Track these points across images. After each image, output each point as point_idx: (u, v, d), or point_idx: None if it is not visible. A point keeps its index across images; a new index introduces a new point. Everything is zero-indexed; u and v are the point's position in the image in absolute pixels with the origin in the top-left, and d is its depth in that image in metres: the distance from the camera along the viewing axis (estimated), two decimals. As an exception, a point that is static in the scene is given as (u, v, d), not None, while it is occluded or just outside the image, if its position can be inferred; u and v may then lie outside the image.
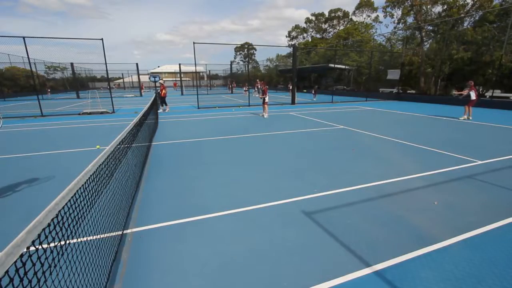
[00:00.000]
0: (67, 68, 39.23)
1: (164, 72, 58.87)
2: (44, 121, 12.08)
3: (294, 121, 11.53)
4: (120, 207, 3.01)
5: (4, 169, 5.41)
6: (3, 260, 0.99)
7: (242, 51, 63.37)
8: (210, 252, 2.75)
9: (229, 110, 15.85)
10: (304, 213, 3.52)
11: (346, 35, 36.58)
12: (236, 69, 51.96)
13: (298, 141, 7.75)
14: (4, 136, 8.88)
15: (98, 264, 2.02)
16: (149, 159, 6.01)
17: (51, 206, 1.41)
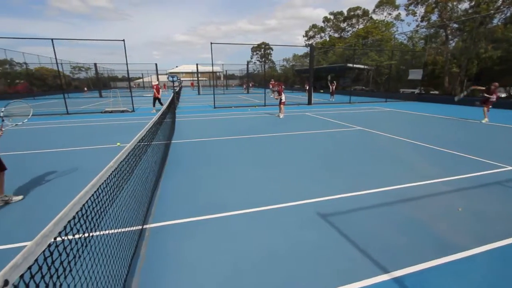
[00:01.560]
0: (91, 68, 41.06)
1: (181, 72, 60.07)
2: (69, 119, 12.69)
3: (310, 121, 11.40)
4: (141, 203, 3.10)
5: (32, 164, 5.73)
6: (33, 248, 1.05)
7: (259, 51, 63.45)
8: (225, 251, 2.77)
9: (245, 110, 15.92)
10: (320, 215, 3.46)
11: (365, 34, 35.68)
12: (252, 69, 52.12)
13: (315, 142, 7.64)
14: (33, 133, 9.42)
15: (119, 257, 2.10)
16: (168, 157, 6.16)
17: (76, 200, 1.47)
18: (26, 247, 1.02)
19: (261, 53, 63.03)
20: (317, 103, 19.73)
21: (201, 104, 20.27)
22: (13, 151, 6.77)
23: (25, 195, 4.10)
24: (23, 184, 4.55)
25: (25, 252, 1.00)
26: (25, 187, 4.42)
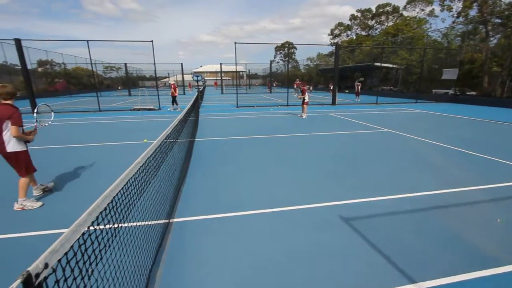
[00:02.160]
0: (121, 68, 43.32)
1: (206, 71, 61.41)
2: (101, 116, 13.48)
3: (334, 122, 11.13)
4: (167, 198, 3.22)
5: (67, 157, 6.16)
6: (69, 236, 1.12)
7: (282, 50, 63.07)
8: (244, 249, 2.78)
9: (267, 109, 15.91)
10: (343, 218, 3.37)
11: (395, 32, 34.10)
12: (275, 69, 51.94)
13: (338, 143, 7.45)
14: (68, 128, 10.14)
15: (145, 249, 2.19)
16: (192, 154, 6.32)
17: (107, 192, 1.56)
18: (63, 234, 1.10)
19: (284, 53, 62.61)
20: (341, 103, 19.20)
21: (224, 103, 20.56)
22: (50, 145, 7.33)
23: (60, 186, 4.43)
24: (59, 176, 4.91)
25: (62, 239, 1.08)
26: (60, 178, 4.77)
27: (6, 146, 3.44)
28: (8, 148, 3.45)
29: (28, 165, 3.67)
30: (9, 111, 3.39)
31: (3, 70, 26.85)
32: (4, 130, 3.40)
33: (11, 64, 26.52)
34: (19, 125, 3.45)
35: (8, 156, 3.50)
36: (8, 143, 3.44)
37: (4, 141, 3.42)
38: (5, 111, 3.37)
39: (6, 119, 3.37)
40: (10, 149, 3.46)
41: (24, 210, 3.57)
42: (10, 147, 3.46)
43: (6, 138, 3.43)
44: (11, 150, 3.47)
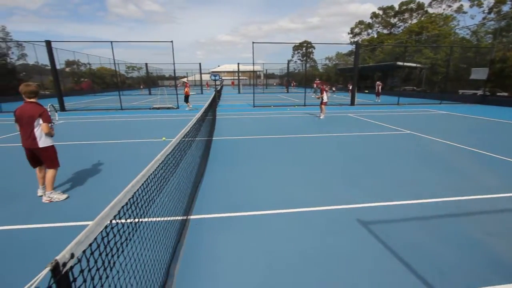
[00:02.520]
0: (142, 68, 44.73)
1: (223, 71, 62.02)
2: (123, 114, 14.00)
3: (352, 123, 10.87)
4: (186, 195, 3.29)
5: (89, 153, 6.45)
6: (93, 228, 1.18)
7: (300, 49, 62.45)
8: (260, 249, 2.79)
9: (284, 109, 15.82)
10: (360, 222, 3.28)
11: (419, 30, 32.72)
12: (293, 68, 51.51)
13: (356, 144, 7.27)
14: (91, 126, 10.61)
15: (164, 244, 2.25)
16: (209, 153, 6.42)
17: (128, 188, 1.61)
18: (88, 226, 1.15)
19: (302, 52, 61.96)
20: (360, 104, 18.71)
21: (241, 102, 20.69)
22: (74, 141, 7.71)
23: (82, 180, 4.65)
24: (82, 171, 5.16)
25: (87, 231, 1.13)
26: (82, 173, 5.01)
27: (38, 141, 3.65)
28: (40, 144, 3.67)
29: (56, 158, 3.89)
30: (39, 109, 3.61)
31: (35, 70, 28.60)
32: (36, 127, 3.61)
33: (42, 64, 28.22)
34: (49, 122, 3.67)
35: (40, 151, 3.71)
36: (40, 138, 3.66)
37: (36, 137, 3.63)
38: (35, 109, 3.59)
39: (37, 116, 3.57)
40: (41, 144, 3.68)
41: (51, 202, 3.79)
42: (42, 143, 3.68)
43: (38, 134, 3.64)
44: (43, 146, 3.69)
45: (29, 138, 3.62)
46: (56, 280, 0.92)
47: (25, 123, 3.58)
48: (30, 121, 3.57)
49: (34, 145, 3.65)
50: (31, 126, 3.58)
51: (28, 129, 3.59)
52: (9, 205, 3.74)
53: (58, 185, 4.37)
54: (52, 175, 3.81)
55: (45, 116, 3.60)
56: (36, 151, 3.71)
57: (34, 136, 3.61)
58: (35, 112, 3.56)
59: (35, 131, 3.61)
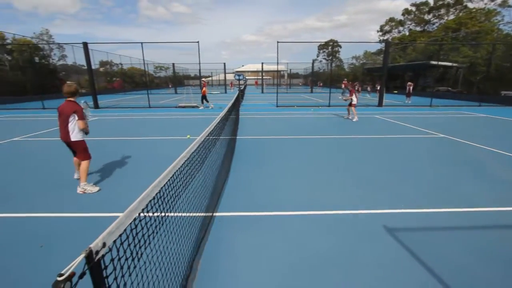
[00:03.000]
0: (169, 68, 46.39)
1: (247, 70, 62.43)
2: (150, 112, 14.61)
3: (380, 125, 10.42)
4: (212, 192, 3.36)
5: (119, 149, 6.80)
6: (123, 220, 1.23)
7: (326, 48, 61.06)
8: (281, 249, 2.76)
9: (307, 109, 15.57)
10: (387, 229, 3.13)
11: (456, 26, 30.53)
12: (318, 68, 50.52)
13: (384, 147, 6.95)
14: (121, 123, 11.19)
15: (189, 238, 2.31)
16: (234, 151, 6.49)
17: (155, 183, 1.67)
18: (118, 218, 1.20)
19: (328, 51, 60.55)
20: (389, 105, 17.89)
21: (264, 102, 20.70)
22: (105, 136, 8.18)
23: (112, 174, 4.91)
24: (111, 165, 5.45)
25: (117, 222, 1.18)
26: (112, 168, 5.29)
27: (70, 135, 4.04)
28: (72, 138, 4.06)
29: (86, 151, 4.24)
30: (75, 107, 4.00)
31: (73, 70, 30.81)
32: (70, 123, 3.99)
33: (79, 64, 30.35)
34: (84, 119, 4.05)
35: (72, 143, 4.10)
36: (72, 133, 4.04)
37: (69, 131, 4.02)
38: (71, 107, 3.97)
39: (71, 113, 3.96)
40: (73, 138, 4.07)
41: (85, 193, 4.09)
42: (73, 137, 4.07)
43: (71, 129, 4.02)
44: (74, 139, 4.08)
45: (63, 132, 4.05)
46: (90, 267, 0.97)
47: (62, 119, 4.01)
48: (66, 117, 3.97)
49: (67, 138, 4.07)
50: (66, 122, 3.99)
51: (63, 124, 4.02)
52: (50, 194, 4.06)
53: (92, 177, 4.66)
54: (84, 167, 4.14)
55: (79, 113, 3.99)
56: (69, 143, 4.13)
57: (67, 130, 4.02)
58: (71, 110, 3.96)
59: (69, 126, 4.01)
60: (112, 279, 1.07)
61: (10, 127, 9.93)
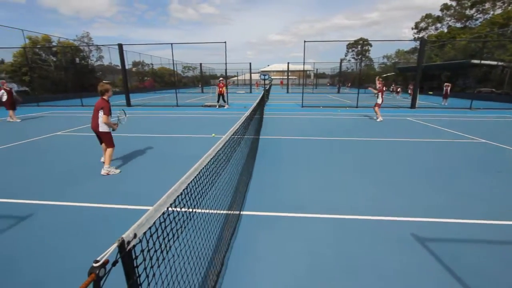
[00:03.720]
0: (197, 68, 47.72)
1: (272, 70, 62.31)
2: (178, 110, 15.13)
3: (412, 128, 9.86)
4: (238, 190, 3.41)
5: (147, 145, 7.12)
6: (152, 213, 1.29)
7: (355, 47, 58.99)
8: (302, 251, 2.72)
9: (334, 110, 15.17)
10: (417, 238, 2.95)
11: (504, 21, 27.91)
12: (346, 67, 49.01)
13: (415, 152, 6.57)
14: (150, 120, 11.71)
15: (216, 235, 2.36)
16: (257, 151, 6.53)
17: (183, 179, 1.72)
18: (148, 211, 1.26)
19: (357, 50, 58.45)
20: (423, 106, 16.86)
21: (289, 102, 20.53)
22: (134, 133, 8.60)
23: (141, 169, 5.16)
24: (140, 160, 5.73)
25: (147, 215, 1.24)
26: (140, 163, 5.56)
27: (99, 127, 4.79)
28: (100, 129, 4.80)
29: (111, 141, 4.94)
30: (103, 104, 4.69)
31: (108, 70, 32.89)
32: (99, 116, 4.73)
33: (114, 64, 32.35)
34: (108, 115, 4.72)
35: (100, 133, 4.85)
36: (101, 125, 4.78)
37: (98, 123, 4.77)
38: (100, 103, 4.69)
39: (100, 108, 4.67)
40: (101, 129, 4.81)
41: (108, 174, 4.81)
42: (101, 128, 4.80)
43: (100, 122, 4.75)
44: (102, 130, 4.82)
45: (95, 123, 4.81)
46: (122, 256, 1.03)
47: (95, 112, 4.77)
48: (96, 111, 4.73)
49: (96, 128, 4.82)
50: (97, 115, 4.74)
51: (95, 116, 4.78)
52: (84, 184, 4.38)
53: (122, 170, 4.94)
54: (109, 153, 4.88)
55: (105, 109, 4.67)
56: (98, 133, 4.88)
57: (97, 122, 4.78)
58: (100, 105, 4.69)
59: (98, 119, 4.75)
60: (142, 269, 1.12)
61: (54, 122, 10.84)
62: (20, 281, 2.32)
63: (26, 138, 7.77)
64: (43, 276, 2.38)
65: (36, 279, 2.34)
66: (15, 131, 8.98)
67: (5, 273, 2.41)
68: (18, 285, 2.27)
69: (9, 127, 9.85)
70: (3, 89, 10.43)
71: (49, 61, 24.64)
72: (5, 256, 2.63)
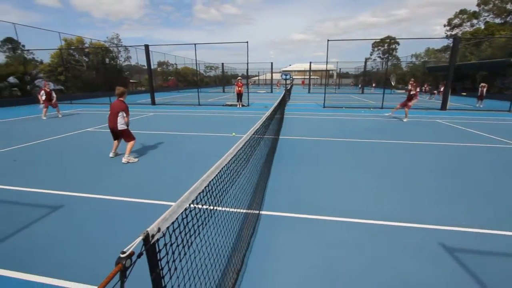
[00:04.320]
0: (218, 67, 48.44)
1: (294, 70, 61.67)
2: (200, 109, 15.46)
3: (442, 131, 9.31)
4: (257, 190, 3.42)
5: (169, 143, 7.34)
6: (175, 209, 1.32)
7: (382, 46, 56.74)
8: (320, 254, 2.67)
9: (358, 111, 14.72)
10: (445, 248, 2.79)
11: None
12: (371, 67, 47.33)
13: (446, 156, 6.19)
14: (173, 118, 12.05)
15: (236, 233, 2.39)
16: (276, 151, 6.50)
17: (204, 177, 1.76)
18: (171, 207, 1.30)
19: (384, 49, 56.22)
20: (455, 108, 15.87)
21: (310, 102, 20.23)
22: (158, 131, 8.90)
23: (164, 166, 5.33)
24: (162, 157, 5.91)
25: (171, 210, 1.27)
26: (163, 159, 5.74)
27: (118, 125, 5.43)
28: (119, 127, 5.45)
29: (131, 134, 5.60)
30: (123, 105, 5.43)
31: (135, 70, 34.34)
32: (119, 117, 5.40)
33: (140, 64, 33.72)
34: (129, 115, 5.54)
35: (119, 131, 5.48)
36: (119, 124, 5.43)
37: (117, 122, 5.41)
38: (121, 105, 5.41)
39: (121, 110, 5.38)
40: (119, 127, 5.46)
41: (129, 162, 5.42)
42: (119, 126, 5.46)
43: (119, 121, 5.41)
44: (120, 128, 5.47)
45: (113, 122, 5.42)
46: (146, 248, 1.07)
47: (113, 113, 5.41)
48: (116, 112, 5.39)
49: (114, 127, 5.46)
50: (116, 115, 5.39)
51: (114, 116, 5.40)
52: (109, 178, 4.61)
53: (142, 166, 5.15)
54: (131, 146, 5.53)
55: (126, 111, 5.48)
56: (116, 131, 5.51)
57: (116, 121, 5.41)
58: (120, 108, 5.40)
59: (118, 118, 5.40)
60: (165, 262, 1.16)
61: (84, 119, 11.53)
62: (47, 264, 2.49)
63: (60, 134, 8.34)
64: (70, 261, 2.54)
65: (64, 263, 2.50)
66: (50, 128, 9.66)
67: (34, 256, 2.60)
68: (44, 268, 2.43)
69: (45, 123, 10.62)
70: (44, 89, 11.25)
71: (81, 61, 26.23)
72: (35, 241, 2.84)
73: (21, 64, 18.84)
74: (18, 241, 2.87)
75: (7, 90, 17.57)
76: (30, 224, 3.18)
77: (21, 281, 2.30)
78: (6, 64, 18.37)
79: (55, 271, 2.40)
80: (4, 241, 2.86)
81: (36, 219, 3.28)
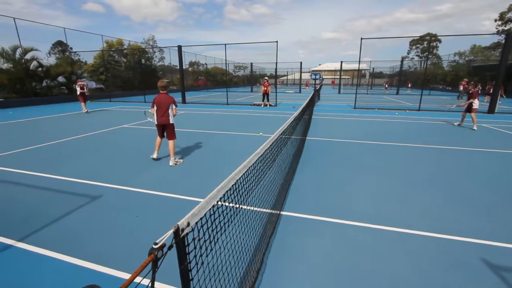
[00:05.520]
0: (247, 67, 48.90)
1: (324, 70, 60.21)
2: (228, 108, 15.74)
3: (489, 136, 8.50)
4: (281, 190, 3.42)
5: (200, 140, 7.57)
6: (204, 205, 1.37)
7: (421, 44, 53.05)
8: (344, 261, 2.59)
9: (391, 113, 13.96)
10: (487, 263, 2.55)
11: None
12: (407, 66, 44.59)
13: (493, 165, 5.64)
14: (203, 117, 12.40)
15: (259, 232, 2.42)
16: (302, 152, 6.42)
17: (231, 176, 1.80)
18: (200, 203, 1.35)
19: (423, 47, 52.56)
20: (505, 111, 14.39)
21: (340, 103, 19.62)
22: (188, 128, 9.21)
23: (194, 163, 5.52)
24: (194, 154, 6.12)
25: (200, 206, 1.33)
26: (193, 156, 5.94)
27: (169, 119, 5.29)
28: (170, 121, 5.32)
29: (174, 131, 5.49)
30: (171, 98, 5.25)
31: (168, 69, 35.92)
32: (169, 109, 5.22)
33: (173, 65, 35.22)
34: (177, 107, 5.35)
35: (169, 125, 5.33)
36: (170, 117, 5.29)
37: (169, 115, 5.26)
38: (169, 98, 5.21)
39: (171, 102, 5.21)
40: (171, 121, 5.33)
41: (176, 164, 5.33)
42: (171, 120, 5.32)
43: (170, 114, 5.26)
44: (172, 122, 5.35)
45: (163, 116, 5.24)
46: (177, 241, 1.13)
47: (162, 107, 5.19)
48: (166, 105, 5.18)
49: (166, 121, 5.28)
50: (166, 109, 5.20)
51: (163, 110, 5.20)
52: (142, 173, 4.89)
53: (178, 164, 5.38)
54: (173, 145, 5.39)
55: (175, 103, 5.31)
56: (166, 125, 5.35)
57: (167, 114, 5.25)
58: (170, 100, 5.21)
59: (168, 112, 5.24)
60: (192, 256, 1.21)
61: (121, 116, 12.34)
62: (84, 251, 2.71)
63: (99, 129, 9.02)
64: (105, 249, 2.74)
65: (99, 251, 2.70)
66: (90, 123, 10.49)
67: (72, 242, 2.85)
68: (81, 254, 2.65)
69: (86, 119, 11.55)
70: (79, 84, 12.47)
71: (120, 62, 28.08)
72: (74, 228, 3.10)
73: (69, 65, 20.68)
74: (57, 227, 3.17)
75: (57, 89, 19.40)
76: (72, 211, 3.49)
77: (61, 262, 2.54)
78: (56, 65, 20.28)
79: (90, 256, 2.61)
80: (46, 225, 3.18)
81: (77, 207, 3.60)
